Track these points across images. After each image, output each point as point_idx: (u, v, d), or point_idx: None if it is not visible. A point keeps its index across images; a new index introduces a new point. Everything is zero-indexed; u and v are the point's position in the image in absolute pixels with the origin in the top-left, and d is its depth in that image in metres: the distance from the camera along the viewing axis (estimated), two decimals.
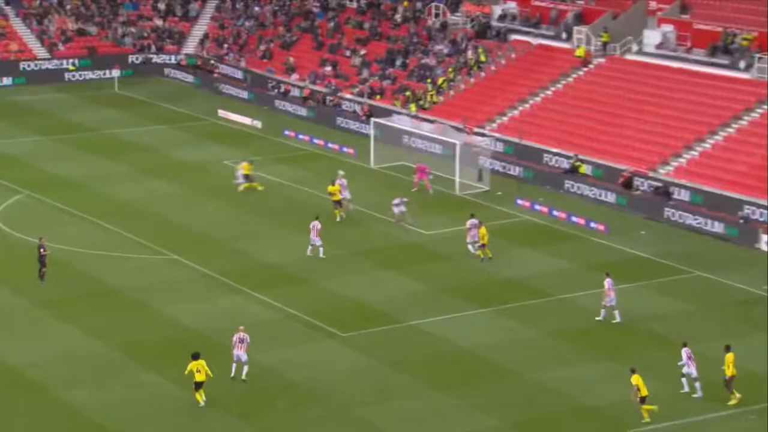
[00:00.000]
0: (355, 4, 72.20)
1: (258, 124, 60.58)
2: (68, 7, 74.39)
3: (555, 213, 47.05)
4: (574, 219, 46.31)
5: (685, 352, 30.96)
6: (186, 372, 29.95)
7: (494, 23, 64.46)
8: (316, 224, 40.80)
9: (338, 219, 44.69)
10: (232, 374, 31.38)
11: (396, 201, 45.02)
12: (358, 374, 32.29)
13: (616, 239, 43.92)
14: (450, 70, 62.43)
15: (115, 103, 64.96)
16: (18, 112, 62.34)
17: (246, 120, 61.22)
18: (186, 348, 33.37)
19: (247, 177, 48.87)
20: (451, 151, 51.24)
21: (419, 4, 69.11)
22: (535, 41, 61.98)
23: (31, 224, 43.59)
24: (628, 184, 49.21)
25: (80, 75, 69.96)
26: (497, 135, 55.84)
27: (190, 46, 74.35)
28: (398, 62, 65.18)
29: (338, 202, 45.03)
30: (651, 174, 49.60)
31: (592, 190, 49.60)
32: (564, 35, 61.00)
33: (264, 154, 54.85)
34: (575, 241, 43.83)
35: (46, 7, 73.59)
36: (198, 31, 75.47)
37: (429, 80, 62.35)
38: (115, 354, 32.93)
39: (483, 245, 41.05)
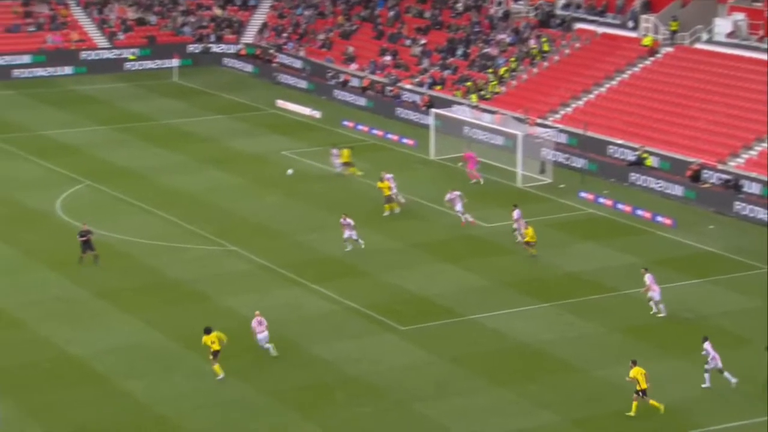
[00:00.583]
0: None
1: (317, 114, 60.89)
2: None
3: (620, 206, 46.68)
4: (639, 212, 45.89)
5: (708, 346, 30.89)
6: (202, 343, 31.04)
7: (558, 12, 64.01)
8: (349, 221, 40.36)
9: (386, 214, 44.54)
10: (274, 354, 31.99)
11: (449, 196, 44.41)
12: (417, 368, 32.39)
13: (684, 234, 43.45)
14: (512, 59, 62.14)
15: (174, 93, 65.73)
16: (78, 101, 63.40)
17: (304, 110, 61.56)
18: (243, 340, 33.81)
19: (347, 163, 49.23)
20: (513, 142, 51.04)
21: None
22: (600, 30, 61.44)
23: (90, 214, 44.32)
24: (696, 176, 48.63)
25: (139, 64, 70.91)
26: (560, 126, 55.47)
27: (249, 36, 74.93)
28: (459, 52, 65.05)
29: (389, 198, 44.99)
30: (720, 166, 48.96)
31: (658, 183, 49.10)
32: (630, 24, 60.37)
33: (322, 145, 55.08)
34: (641, 236, 43.46)
35: None
36: (257, 20, 76.02)
37: (490, 70, 62.13)
38: (175, 345, 33.40)
39: (528, 243, 40.37)
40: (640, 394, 29.55)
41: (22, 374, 31.27)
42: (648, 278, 35.98)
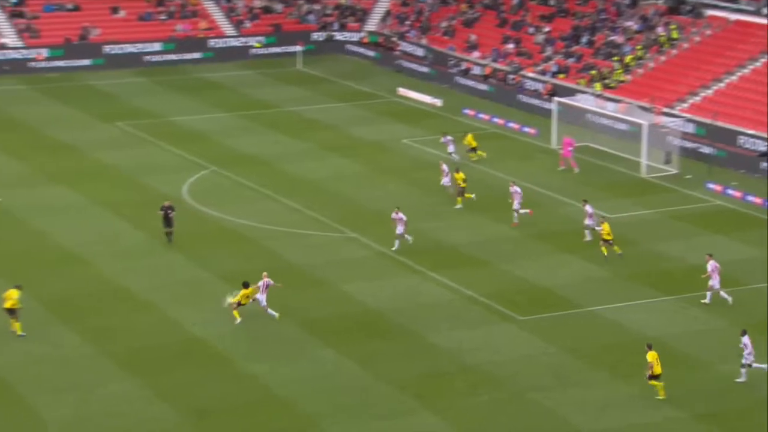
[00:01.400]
0: None
1: (438, 102, 60.85)
2: None
3: (749, 198, 45.34)
4: None
5: (746, 340, 30.15)
6: (237, 299, 33.43)
7: None
8: (401, 216, 39.49)
9: (458, 207, 43.81)
10: (277, 317, 33.60)
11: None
12: (535, 359, 32.14)
13: None
14: (639, 47, 60.89)
15: (298, 80, 66.59)
16: (205, 88, 64.81)
17: (426, 98, 61.59)
18: (364, 326, 34.13)
19: (473, 148, 49.57)
20: (637, 131, 50.06)
21: None
22: (732, 17, 59.66)
23: (215, 199, 45.32)
24: None
25: (265, 51, 72.02)
26: (688, 115, 54.14)
27: (372, 24, 75.30)
28: (584, 39, 64.05)
29: (463, 190, 44.14)
30: None
31: None
32: (765, 10, 58.44)
33: (442, 133, 55.04)
34: None
35: None
36: (380, 8, 76.34)
37: (616, 58, 61.03)
38: (295, 329, 33.89)
39: (608, 241, 38.47)
40: (654, 378, 29.34)
41: (151, 355, 32.21)
42: (710, 265, 35.26)
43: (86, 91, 63.66)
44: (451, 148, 49.88)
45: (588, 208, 40.64)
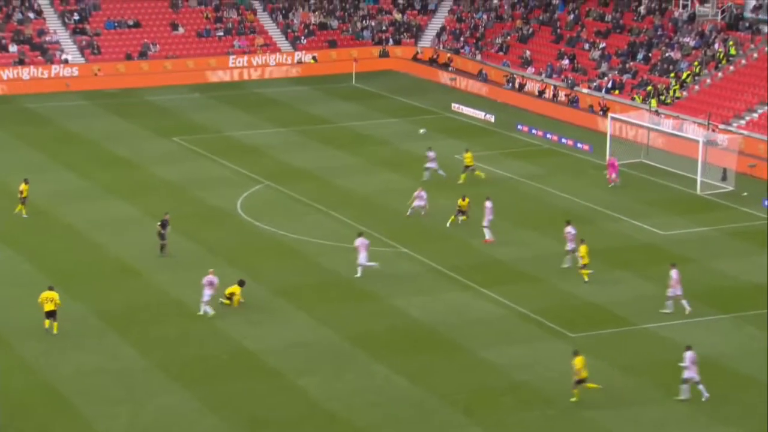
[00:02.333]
0: None
1: (491, 118, 60.71)
2: (312, 1, 77.21)
3: None
4: None
5: (689, 356, 29.72)
6: (228, 292, 35.21)
7: (748, 14, 61.58)
8: (364, 241, 38.59)
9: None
10: (202, 313, 34.86)
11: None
12: (588, 377, 31.77)
13: None
14: (696, 63, 60.25)
15: (352, 96, 66.85)
16: (260, 103, 65.33)
17: (479, 114, 61.48)
18: (414, 340, 34.04)
19: (468, 166, 49.02)
20: (694, 148, 49.45)
21: None
22: None
23: (268, 214, 45.59)
24: None
25: (320, 68, 72.47)
26: (745, 132, 53.39)
27: (427, 40, 75.43)
28: (640, 55, 63.54)
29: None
30: None
31: None
32: None
33: (496, 149, 54.92)
34: None
35: (292, 2, 76.70)
36: (435, 24, 76.46)
37: (672, 74, 60.44)
38: (346, 343, 33.91)
39: (585, 265, 37.81)
40: (580, 382, 29.48)
41: (201, 366, 32.43)
42: (674, 274, 35.13)
43: (144, 106, 64.51)
44: (433, 165, 49.10)
45: (570, 230, 39.12)
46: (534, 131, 57.87)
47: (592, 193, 47.57)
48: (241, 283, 36.10)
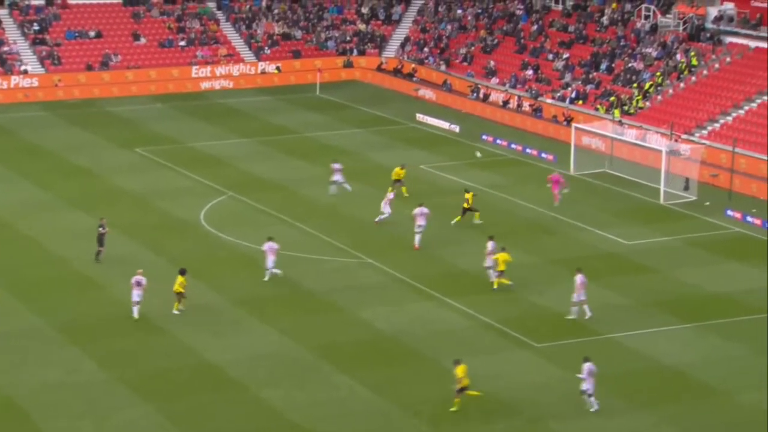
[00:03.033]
0: (560, 7, 71.38)
1: (456, 128, 60.85)
2: (275, 11, 77.03)
3: None
4: None
5: (586, 367, 29.90)
6: (176, 290, 35.50)
7: (709, 25, 62.24)
8: (273, 246, 38.89)
9: (453, 222, 44.11)
10: (135, 316, 35.37)
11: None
12: (552, 387, 31.85)
13: None
14: (658, 74, 60.76)
15: (316, 106, 66.76)
16: (224, 114, 65.05)
17: (444, 124, 61.61)
18: (378, 351, 33.94)
19: (397, 181, 48.62)
20: (656, 158, 49.80)
21: (628, 6, 67.60)
22: (753, 44, 59.44)
23: (232, 225, 45.35)
24: None
25: (284, 78, 72.34)
26: (707, 142, 53.89)
27: (391, 50, 75.52)
28: (603, 66, 63.99)
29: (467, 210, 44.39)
30: None
31: None
32: None
33: (461, 159, 55.00)
34: None
35: (255, 12, 76.48)
36: (400, 34, 76.58)
37: (635, 85, 60.90)
38: (310, 355, 33.76)
39: (501, 272, 38.06)
40: (462, 391, 29.76)
41: (164, 379, 32.14)
42: (578, 279, 35.59)
43: (106, 117, 64.03)
44: (338, 177, 48.99)
45: (490, 245, 38.75)
46: (498, 141, 58.06)
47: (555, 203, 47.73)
48: (182, 272, 36.33)
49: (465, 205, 45.28)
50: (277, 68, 72.94)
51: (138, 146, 57.40)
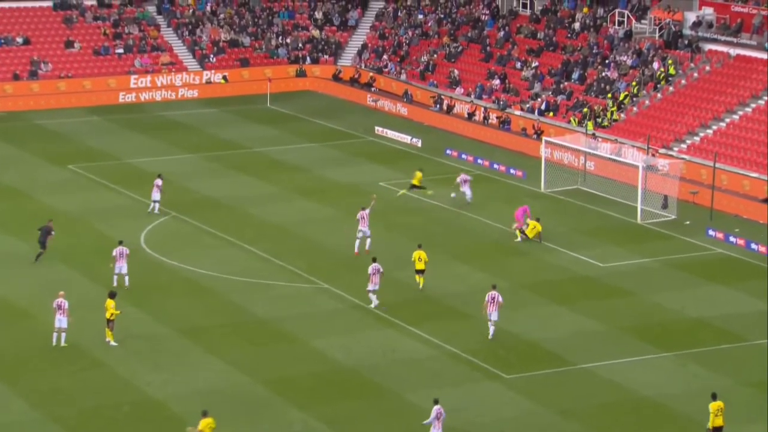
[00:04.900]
0: (528, 12, 72.14)
1: (418, 142, 61.18)
2: (221, 16, 77.05)
3: (754, 246, 45.63)
4: None
5: (435, 411, 30.09)
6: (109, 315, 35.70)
7: (686, 32, 63.21)
8: (123, 250, 40.76)
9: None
10: (54, 343, 35.41)
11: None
12: (523, 420, 32.07)
13: None
14: (634, 83, 61.56)
15: (266, 119, 66.82)
16: (166, 127, 64.91)
17: (405, 138, 61.92)
18: (335, 384, 33.96)
19: (416, 186, 50.65)
20: (632, 174, 50.39)
21: (601, 11, 68.48)
22: (734, 52, 60.45)
23: (175, 247, 45.22)
24: None
25: (231, 89, 72.36)
26: (687, 157, 54.63)
27: (348, 58, 75.86)
28: (575, 75, 64.73)
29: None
30: None
31: None
32: None
33: (424, 176, 55.29)
34: None
35: (199, 17, 76.46)
36: (356, 41, 76.96)
37: (609, 95, 61.64)
38: (261, 389, 33.71)
39: (420, 271, 40.66)
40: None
41: (101, 418, 31.91)
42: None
43: (35, 131, 63.62)
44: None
45: (374, 267, 38.96)
46: (464, 156, 58.45)
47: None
48: (111, 296, 36.24)
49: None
50: (224, 78, 72.92)
51: (71, 163, 57.10)
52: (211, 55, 74.04)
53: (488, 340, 37.05)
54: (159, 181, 49.38)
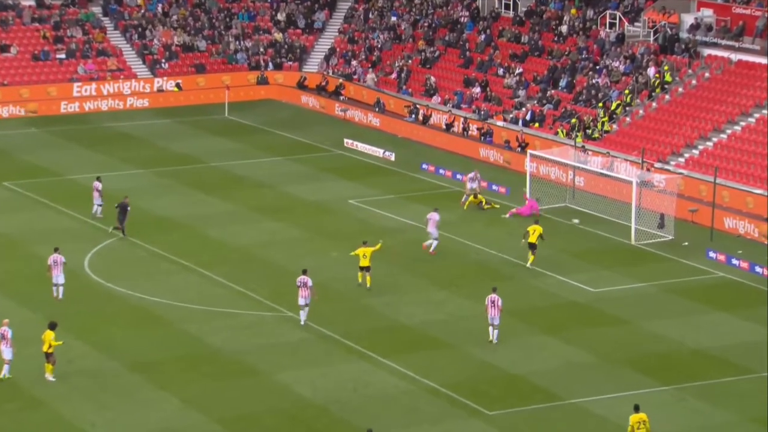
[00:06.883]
0: (511, 13, 72.59)
1: (391, 156, 61.34)
2: (174, 17, 77.05)
3: (758, 269, 45.95)
4: None
5: None
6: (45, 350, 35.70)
7: (684, 35, 63.76)
8: (59, 258, 41.86)
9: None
10: (1, 376, 35.75)
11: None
12: None
13: None
14: (627, 91, 62.01)
15: (224, 131, 66.85)
16: (113, 140, 64.77)
17: (377, 151, 62.07)
18: (301, 422, 33.89)
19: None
20: (625, 191, 50.69)
21: (590, 13, 69.01)
22: (735, 57, 61.02)
23: (123, 273, 45.09)
24: None
25: (185, 97, 72.39)
26: (684, 172, 55.01)
27: (314, 64, 76.03)
28: (562, 82, 65.14)
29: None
30: None
31: None
32: None
33: (397, 192, 55.36)
34: None
35: (149, 18, 76.43)
36: (323, 45, 77.17)
37: (600, 104, 62.05)
38: (219, 429, 33.60)
39: (365, 269, 42.76)
40: None
41: None
42: (488, 300, 38.63)
43: None
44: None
45: (302, 279, 40.40)
46: (441, 171, 58.64)
47: (511, 243, 48.29)
48: (51, 327, 36.21)
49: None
50: (177, 85, 72.91)
51: (7, 179, 56.92)
52: (163, 61, 74.01)
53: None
54: (98, 184, 50.69)
